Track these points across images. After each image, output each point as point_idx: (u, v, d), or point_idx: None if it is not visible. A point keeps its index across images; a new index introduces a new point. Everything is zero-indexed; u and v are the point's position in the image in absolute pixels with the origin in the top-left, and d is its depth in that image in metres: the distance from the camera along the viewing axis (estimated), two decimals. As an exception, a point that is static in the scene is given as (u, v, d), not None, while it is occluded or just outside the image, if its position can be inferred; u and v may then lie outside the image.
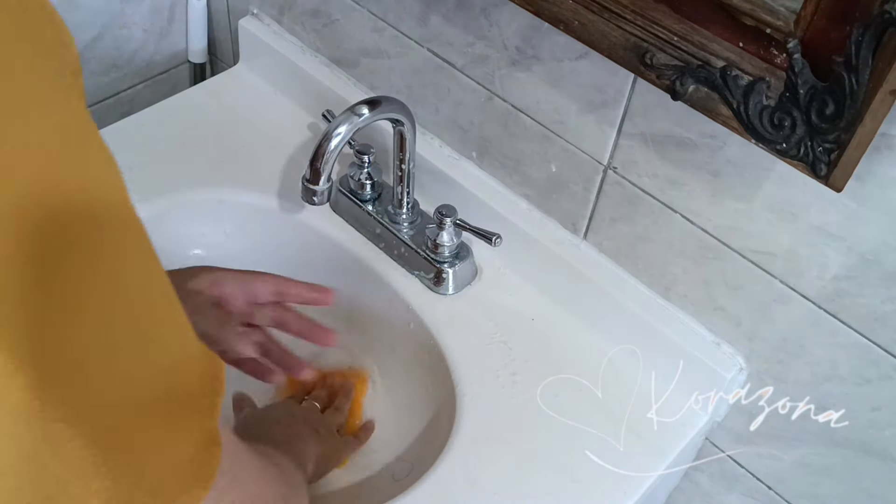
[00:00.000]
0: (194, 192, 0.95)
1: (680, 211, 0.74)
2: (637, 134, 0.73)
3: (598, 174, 0.78)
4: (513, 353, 0.84)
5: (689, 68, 0.60)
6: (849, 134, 0.53)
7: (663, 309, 0.80)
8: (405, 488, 0.74)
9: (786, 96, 0.55)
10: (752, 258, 0.71)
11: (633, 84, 0.70)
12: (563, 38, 0.71)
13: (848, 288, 0.66)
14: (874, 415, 0.70)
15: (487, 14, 0.78)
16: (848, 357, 0.69)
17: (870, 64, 0.50)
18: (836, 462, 0.75)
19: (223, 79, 1.09)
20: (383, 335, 0.92)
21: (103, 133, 1.04)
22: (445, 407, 0.82)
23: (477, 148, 0.89)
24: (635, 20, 0.61)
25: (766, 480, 0.83)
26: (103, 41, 1.10)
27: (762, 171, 0.66)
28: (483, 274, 0.90)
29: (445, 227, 0.86)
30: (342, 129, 0.75)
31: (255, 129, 1.02)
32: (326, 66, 1.01)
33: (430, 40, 0.86)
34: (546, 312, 0.87)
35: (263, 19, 1.06)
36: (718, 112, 0.60)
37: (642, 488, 0.76)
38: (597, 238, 0.83)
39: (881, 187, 0.60)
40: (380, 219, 0.91)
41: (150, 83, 1.21)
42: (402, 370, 0.90)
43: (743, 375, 0.78)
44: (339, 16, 0.95)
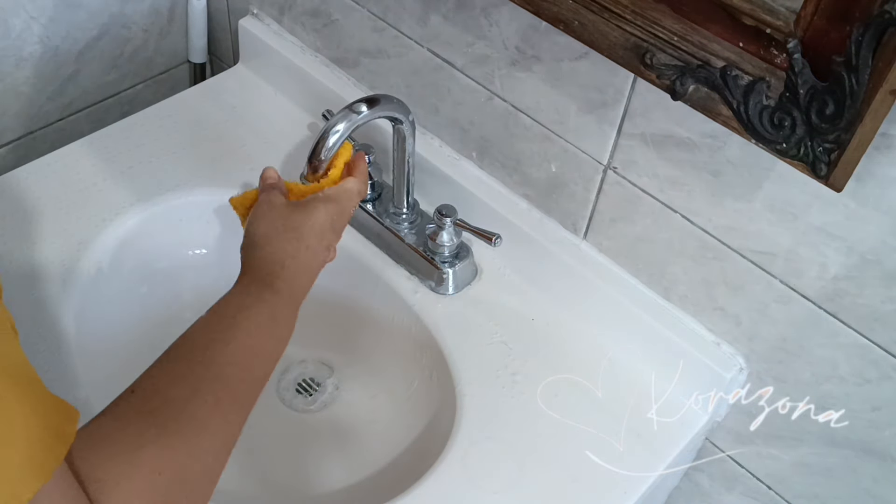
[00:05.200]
0: (194, 192, 0.95)
1: (680, 211, 0.74)
2: (637, 134, 0.73)
3: (598, 174, 0.78)
4: (513, 353, 0.84)
5: (689, 68, 0.60)
6: (849, 134, 0.53)
7: (663, 309, 0.80)
8: (405, 488, 0.75)
9: (786, 96, 0.55)
10: (752, 258, 0.71)
11: (633, 84, 0.70)
12: (563, 38, 0.71)
13: (848, 288, 0.66)
14: (874, 415, 0.70)
15: (487, 14, 0.78)
16: (848, 357, 0.69)
17: (870, 64, 0.50)
18: (836, 462, 0.75)
19: (223, 79, 1.09)
20: (383, 335, 0.92)
21: (103, 133, 1.05)
22: (445, 407, 0.82)
23: (477, 148, 0.89)
24: (635, 20, 0.61)
25: (766, 480, 0.83)
26: (103, 41, 1.10)
27: (762, 171, 0.66)
28: (483, 274, 0.90)
29: (445, 227, 0.86)
30: (340, 127, 0.75)
31: (255, 129, 1.02)
32: (326, 66, 1.01)
33: (429, 40, 0.86)
34: (546, 312, 0.87)
35: (263, 19, 1.06)
36: (718, 112, 0.60)
37: (642, 488, 0.76)
38: (597, 238, 0.83)
39: (881, 187, 0.60)
40: (380, 219, 0.91)
41: (150, 83, 1.21)
42: (401, 370, 0.90)
43: (743, 375, 0.78)
44: (339, 16, 0.95)
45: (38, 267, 0.85)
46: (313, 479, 0.88)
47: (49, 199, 0.92)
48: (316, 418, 0.92)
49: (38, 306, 0.83)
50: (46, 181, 0.93)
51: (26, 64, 1.04)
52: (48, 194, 0.92)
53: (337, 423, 0.92)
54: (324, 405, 0.93)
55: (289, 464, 0.88)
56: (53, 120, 1.12)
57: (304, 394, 0.93)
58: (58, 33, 1.05)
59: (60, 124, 1.13)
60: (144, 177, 0.95)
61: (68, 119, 1.14)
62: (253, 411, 0.93)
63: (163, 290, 0.94)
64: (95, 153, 0.97)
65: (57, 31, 1.05)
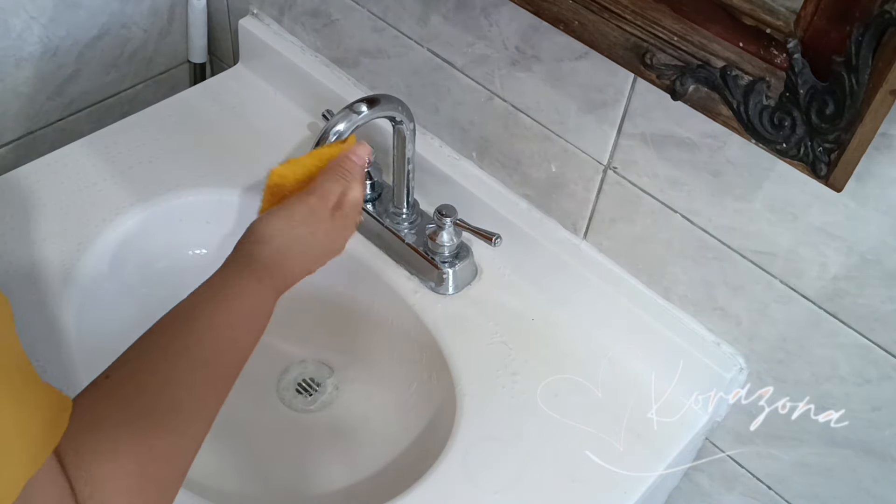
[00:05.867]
0: (194, 192, 0.95)
1: (680, 211, 0.74)
2: (637, 134, 0.73)
3: (598, 174, 0.78)
4: (513, 353, 0.84)
5: (689, 68, 0.60)
6: (849, 134, 0.53)
7: (663, 309, 0.80)
8: (405, 488, 0.75)
9: (786, 96, 0.55)
10: (752, 258, 0.71)
11: (633, 84, 0.70)
12: (562, 38, 0.71)
13: (848, 288, 0.66)
14: (874, 415, 0.70)
15: (487, 14, 0.78)
16: (848, 357, 0.69)
17: (870, 64, 0.50)
18: (836, 462, 0.75)
19: (223, 79, 1.09)
20: (383, 335, 0.92)
21: (103, 133, 1.05)
22: (445, 407, 0.82)
23: (477, 148, 0.89)
24: (635, 20, 0.61)
25: (766, 480, 0.83)
26: (103, 41, 1.10)
27: (762, 171, 0.66)
28: (483, 274, 0.90)
29: (445, 227, 0.86)
30: (340, 127, 0.75)
31: (255, 129, 1.02)
32: (326, 66, 1.01)
33: (429, 40, 0.86)
34: (546, 312, 0.87)
35: (263, 19, 1.06)
36: (718, 112, 0.60)
37: (642, 488, 0.76)
38: (597, 238, 0.83)
39: (881, 187, 0.60)
40: (380, 219, 0.91)
41: (150, 83, 1.21)
42: (402, 370, 0.90)
43: (743, 375, 0.78)
44: (339, 16, 0.95)
45: (38, 267, 0.85)
46: (313, 479, 0.88)
47: (49, 199, 0.92)
48: (316, 418, 0.92)
49: (38, 306, 0.83)
50: (46, 181, 0.93)
51: (26, 64, 1.04)
52: (48, 194, 0.92)
53: (337, 423, 0.92)
54: (324, 405, 0.93)
55: (288, 464, 0.88)
56: (53, 120, 1.12)
57: (304, 394, 0.93)
58: (58, 33, 1.05)
59: (60, 124, 1.13)
60: (144, 177, 0.95)
61: (68, 119, 1.14)
62: (253, 411, 0.94)
63: (163, 290, 0.94)
64: (95, 153, 0.97)
65: (57, 31, 1.05)
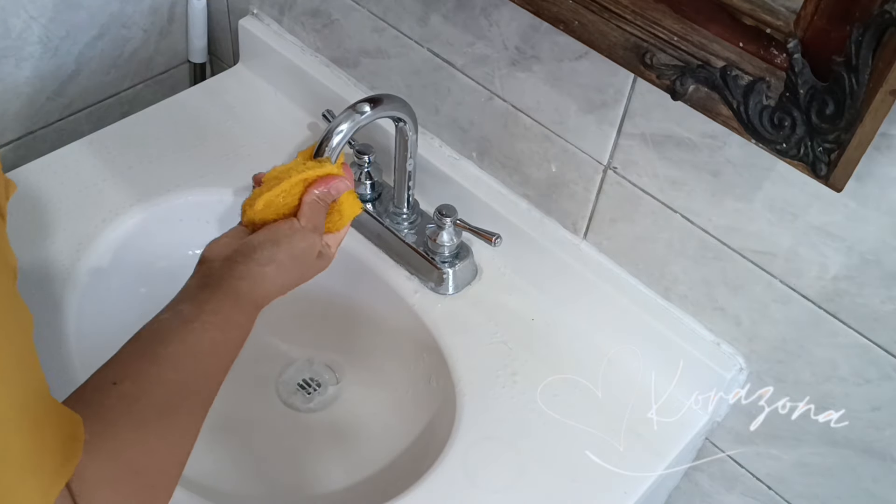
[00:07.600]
0: (194, 192, 0.95)
1: (680, 211, 0.74)
2: (637, 134, 0.73)
3: (598, 174, 0.78)
4: (513, 353, 0.84)
5: (689, 68, 0.60)
6: (849, 134, 0.53)
7: (663, 309, 0.80)
8: (405, 488, 0.75)
9: (786, 96, 0.55)
10: (752, 258, 0.71)
11: (633, 84, 0.70)
12: (562, 38, 0.71)
13: (848, 288, 0.66)
14: (874, 415, 0.70)
15: (487, 14, 0.78)
16: (848, 357, 0.69)
17: (870, 64, 0.50)
18: (836, 462, 0.75)
19: (223, 79, 1.09)
20: (383, 335, 0.92)
21: (103, 133, 1.04)
22: (445, 407, 0.82)
23: (477, 148, 0.89)
24: (635, 20, 0.61)
25: (766, 480, 0.83)
26: (103, 41, 1.10)
27: (762, 171, 0.66)
28: (483, 274, 0.90)
29: (445, 227, 0.86)
30: (344, 127, 0.74)
31: (255, 130, 1.02)
32: (326, 66, 1.01)
33: (430, 40, 0.86)
34: (546, 312, 0.87)
35: (263, 19, 1.06)
36: (718, 112, 0.60)
37: (642, 488, 0.76)
38: (597, 238, 0.83)
39: (881, 187, 0.60)
40: (380, 219, 0.91)
41: (150, 83, 1.21)
42: (401, 370, 0.90)
43: (743, 375, 0.78)
44: (339, 16, 0.95)
45: (39, 267, 0.85)
46: (313, 478, 0.88)
47: (49, 199, 0.92)
48: (316, 418, 0.92)
49: (39, 306, 0.83)
50: (46, 181, 0.93)
51: (26, 64, 1.04)
52: (48, 194, 0.92)
53: (337, 422, 0.92)
54: (324, 405, 0.93)
55: (288, 464, 0.88)
56: (53, 120, 1.12)
57: (304, 393, 0.93)
58: (58, 33, 1.05)
59: (60, 124, 1.13)
60: (144, 177, 0.95)
61: (68, 119, 1.14)
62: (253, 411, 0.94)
63: (163, 290, 0.94)
64: (95, 153, 0.97)
65: (57, 31, 1.05)
